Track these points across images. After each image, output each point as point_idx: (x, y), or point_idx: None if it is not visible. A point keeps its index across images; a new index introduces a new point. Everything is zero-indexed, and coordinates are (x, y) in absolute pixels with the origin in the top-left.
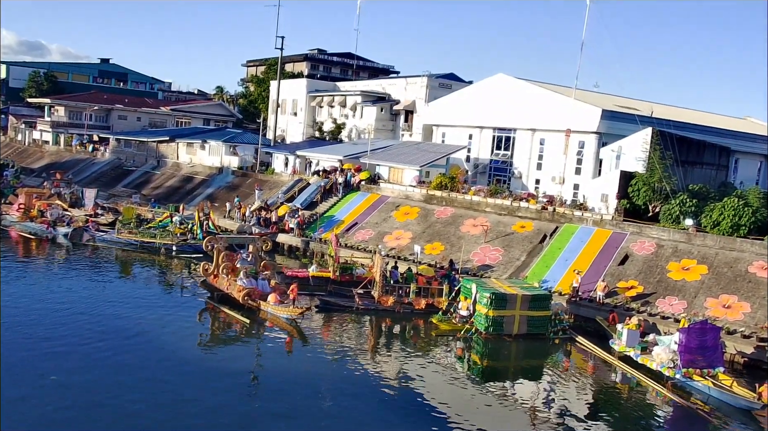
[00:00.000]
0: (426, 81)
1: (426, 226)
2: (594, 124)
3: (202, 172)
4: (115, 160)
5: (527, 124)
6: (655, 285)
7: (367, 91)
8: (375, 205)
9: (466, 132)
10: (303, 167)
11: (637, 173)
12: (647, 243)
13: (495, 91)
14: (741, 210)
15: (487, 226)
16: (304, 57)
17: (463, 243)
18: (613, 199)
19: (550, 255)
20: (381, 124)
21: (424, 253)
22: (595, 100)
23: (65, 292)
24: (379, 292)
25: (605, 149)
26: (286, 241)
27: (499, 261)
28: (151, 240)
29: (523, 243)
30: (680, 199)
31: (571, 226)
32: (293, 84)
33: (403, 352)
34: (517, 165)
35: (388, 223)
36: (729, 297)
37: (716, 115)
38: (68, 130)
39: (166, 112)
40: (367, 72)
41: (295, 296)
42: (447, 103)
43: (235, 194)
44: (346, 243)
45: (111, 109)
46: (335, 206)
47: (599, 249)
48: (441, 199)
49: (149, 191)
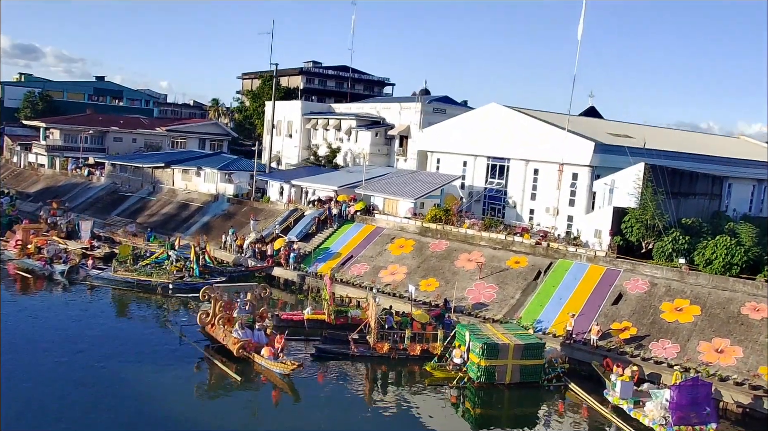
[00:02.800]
0: (420, 106)
1: (421, 260)
2: (587, 157)
3: (198, 198)
4: (111, 185)
5: (521, 155)
6: (649, 327)
7: (362, 115)
8: (370, 237)
9: (460, 159)
10: (298, 196)
11: (630, 209)
12: (640, 281)
13: (488, 120)
14: (733, 249)
15: (481, 262)
16: (299, 71)
17: (458, 280)
18: (607, 235)
19: (545, 293)
20: (376, 148)
21: (419, 290)
22: (589, 129)
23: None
24: (374, 339)
25: (598, 182)
26: (282, 275)
27: (493, 299)
28: (148, 278)
29: (517, 280)
30: (673, 236)
31: (566, 262)
32: (288, 105)
33: (398, 402)
34: (512, 194)
35: (383, 257)
36: (722, 341)
37: (710, 136)
38: (64, 153)
39: (162, 133)
40: (362, 84)
41: (282, 346)
42: (441, 129)
43: (230, 223)
44: (341, 278)
45: (106, 131)
46: (330, 238)
47: (593, 288)
48: (436, 231)
49: (145, 219)
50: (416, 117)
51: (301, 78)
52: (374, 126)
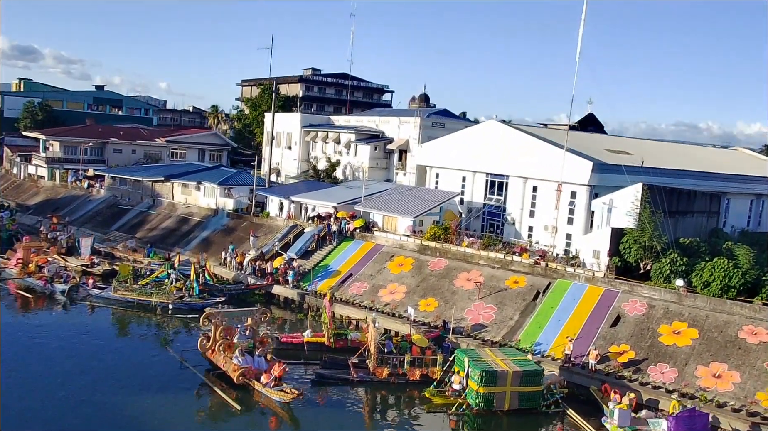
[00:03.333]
0: (419, 121)
1: (420, 279)
2: (585, 177)
3: (198, 213)
4: (111, 198)
5: (519, 172)
6: (647, 351)
7: (361, 129)
8: (369, 254)
9: (459, 174)
10: (298, 211)
11: (628, 230)
12: (639, 303)
13: (487, 136)
14: (731, 271)
15: (480, 282)
16: (298, 78)
17: (457, 299)
18: (605, 255)
19: (543, 315)
20: (375, 162)
21: (419, 310)
22: (587, 145)
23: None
24: (374, 364)
25: (597, 201)
26: (282, 293)
27: (492, 321)
28: (147, 298)
29: (516, 301)
30: (671, 258)
31: (564, 282)
32: (287, 117)
33: (397, 428)
34: (511, 210)
35: (383, 275)
36: (719, 366)
37: (708, 148)
38: (63, 165)
39: (162, 144)
40: (361, 92)
41: (280, 375)
42: (440, 145)
43: (230, 238)
44: (340, 297)
45: (106, 143)
46: (330, 255)
47: (591, 309)
48: (435, 249)
49: (145, 233)
50: (415, 131)
51: (300, 86)
52: (373, 139)
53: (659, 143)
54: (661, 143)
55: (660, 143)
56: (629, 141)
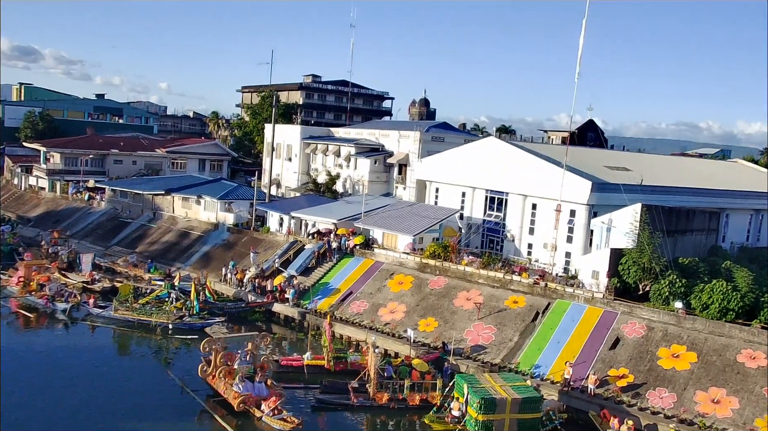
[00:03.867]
0: (419, 135)
1: (420, 298)
2: (584, 196)
3: (198, 227)
4: (111, 210)
5: (519, 189)
6: (646, 374)
7: (361, 143)
8: (369, 272)
9: (459, 189)
10: (298, 227)
11: (627, 250)
12: (638, 325)
13: (487, 153)
14: (729, 294)
15: (480, 302)
16: (298, 86)
17: (457, 320)
18: (604, 276)
19: (543, 336)
20: (375, 176)
21: (419, 330)
22: (586, 161)
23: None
24: (373, 389)
25: (596, 220)
26: (282, 311)
27: (492, 342)
28: (147, 318)
29: (515, 322)
30: (669, 279)
31: (563, 303)
32: (287, 129)
33: None
34: (510, 227)
35: (383, 294)
36: (718, 391)
37: (707, 161)
38: (64, 177)
39: (162, 155)
40: (361, 99)
41: (274, 405)
42: (439, 160)
43: (230, 253)
44: (340, 316)
45: (106, 154)
46: (330, 272)
47: (590, 331)
48: (435, 267)
49: (145, 247)
50: (415, 146)
51: (300, 93)
52: (373, 153)
53: (658, 157)
54: (661, 157)
55: (659, 157)
56: (628, 155)
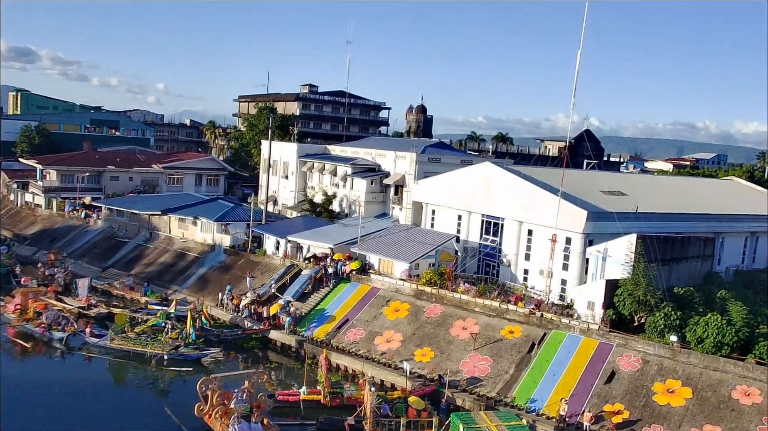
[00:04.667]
0: (414, 156)
1: (416, 327)
2: (580, 225)
3: (195, 248)
4: (108, 229)
5: (514, 216)
6: (641, 410)
7: (357, 163)
8: (366, 298)
9: (455, 212)
10: (294, 250)
11: (622, 282)
12: (633, 358)
13: (482, 178)
14: (724, 328)
15: (476, 333)
16: (295, 97)
17: (453, 350)
18: (600, 308)
19: (538, 369)
20: (372, 196)
21: (414, 360)
22: (583, 185)
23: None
24: (370, 427)
25: (591, 249)
26: (279, 339)
27: (488, 374)
28: (143, 349)
29: (511, 353)
30: (665, 312)
31: (559, 334)
32: (284, 147)
33: None
34: (506, 252)
35: (379, 321)
36: (713, 428)
37: (703, 180)
38: (60, 194)
39: (159, 171)
40: (358, 109)
41: None
42: (435, 183)
43: (227, 276)
44: (337, 345)
45: (103, 170)
46: (326, 298)
47: (586, 363)
48: (431, 295)
49: (142, 268)
50: (411, 167)
51: (297, 104)
52: (369, 173)
53: (654, 178)
54: (656, 178)
55: (654, 178)
56: (624, 177)
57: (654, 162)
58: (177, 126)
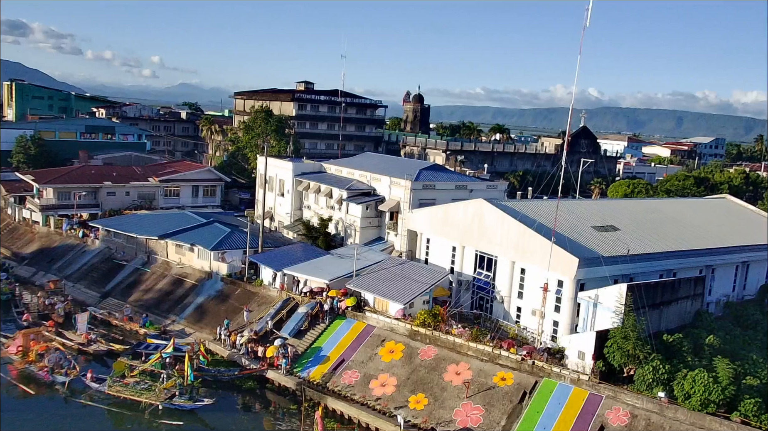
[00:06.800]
0: (410, 185)
1: (410, 370)
2: (572, 272)
3: (192, 275)
4: (105, 250)
5: (508, 254)
6: None
7: (353, 187)
8: (361, 336)
9: (449, 243)
10: (291, 281)
11: (612, 332)
12: (621, 411)
13: (475, 214)
14: (711, 386)
15: (468, 381)
16: (291, 96)
17: (446, 397)
18: (590, 359)
19: (529, 421)
20: (367, 221)
21: (409, 408)
22: (575, 219)
23: None
24: None
25: (582, 294)
26: (276, 379)
27: (480, 424)
28: (138, 399)
29: (503, 402)
30: (653, 365)
31: (550, 382)
32: (280, 164)
33: None
34: (500, 288)
35: (374, 363)
36: None
37: (695, 200)
38: (57, 212)
39: (155, 184)
40: (354, 108)
41: None
42: (429, 214)
43: (224, 307)
44: (333, 388)
45: (99, 186)
46: (322, 335)
47: (576, 417)
48: (425, 336)
49: (140, 295)
50: (406, 195)
51: (293, 105)
52: (365, 198)
53: (646, 204)
54: (648, 202)
55: (646, 203)
56: (616, 205)
57: (652, 147)
58: (173, 121)
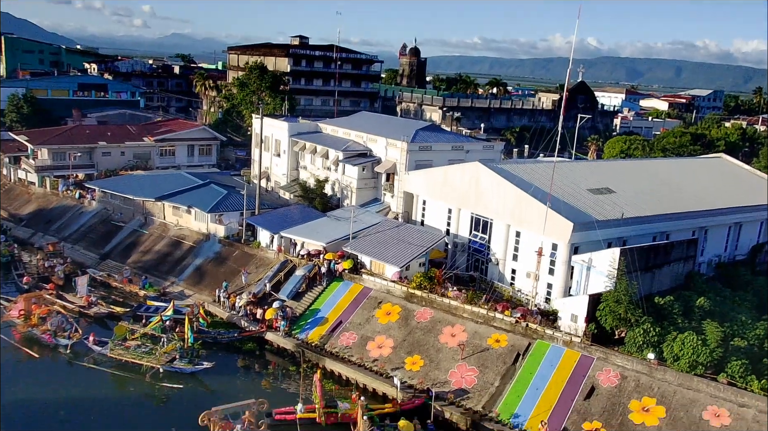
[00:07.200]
0: (406, 146)
1: (407, 332)
2: (566, 236)
3: (190, 236)
4: (103, 211)
5: (503, 218)
6: (618, 429)
7: (349, 148)
8: (358, 298)
9: (445, 206)
10: (288, 243)
11: (604, 296)
12: (612, 373)
13: (471, 178)
14: (699, 349)
15: (463, 343)
16: (285, 52)
17: (441, 359)
18: (582, 321)
19: (522, 382)
20: (363, 182)
21: (405, 369)
22: (570, 183)
23: None
24: None
25: (576, 258)
26: (275, 341)
27: (474, 385)
28: (139, 362)
29: (497, 364)
30: (644, 328)
31: (543, 344)
32: (276, 124)
33: None
34: (495, 250)
35: (371, 325)
36: None
37: (690, 160)
38: (53, 173)
39: (150, 144)
40: (350, 64)
41: None
42: (425, 176)
43: (222, 269)
44: (331, 350)
45: (94, 146)
46: (320, 298)
47: (567, 377)
48: (421, 299)
49: (138, 257)
50: (402, 157)
51: (288, 60)
52: (361, 159)
53: (641, 164)
54: (643, 162)
55: (641, 163)
56: (611, 166)
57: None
58: (165, 78)
